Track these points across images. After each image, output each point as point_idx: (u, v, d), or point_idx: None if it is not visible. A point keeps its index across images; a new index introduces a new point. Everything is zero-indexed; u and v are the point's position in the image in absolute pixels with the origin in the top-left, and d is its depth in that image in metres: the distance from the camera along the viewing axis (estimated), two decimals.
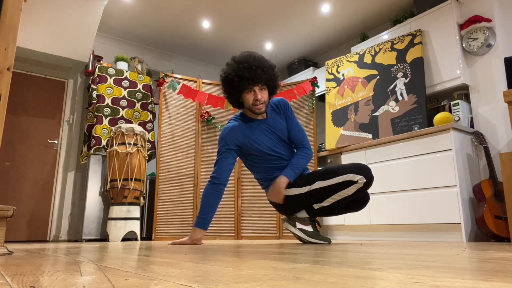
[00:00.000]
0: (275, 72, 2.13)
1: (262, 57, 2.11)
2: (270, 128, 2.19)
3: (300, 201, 2.14)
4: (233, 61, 2.10)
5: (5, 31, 1.42)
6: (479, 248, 1.62)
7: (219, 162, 2.14)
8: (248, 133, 2.14)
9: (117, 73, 4.04)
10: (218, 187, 2.12)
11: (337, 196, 2.05)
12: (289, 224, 2.23)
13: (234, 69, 2.06)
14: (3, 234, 1.35)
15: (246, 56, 2.08)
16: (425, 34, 3.49)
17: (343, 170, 2.04)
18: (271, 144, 2.17)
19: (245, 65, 2.03)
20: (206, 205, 2.10)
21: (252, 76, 2.02)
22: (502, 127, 2.99)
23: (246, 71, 2.02)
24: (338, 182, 2.03)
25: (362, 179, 2.00)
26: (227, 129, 2.16)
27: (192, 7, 4.03)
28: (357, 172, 2.01)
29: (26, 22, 3.50)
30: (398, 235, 3.15)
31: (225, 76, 2.11)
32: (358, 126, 3.67)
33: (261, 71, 2.03)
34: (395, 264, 0.88)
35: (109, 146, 3.63)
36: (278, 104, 2.29)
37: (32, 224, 3.94)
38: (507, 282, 0.55)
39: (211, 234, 3.73)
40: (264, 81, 2.07)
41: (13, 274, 0.74)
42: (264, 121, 2.20)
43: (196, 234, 2.11)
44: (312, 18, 4.22)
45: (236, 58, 2.10)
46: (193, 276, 0.68)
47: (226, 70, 2.11)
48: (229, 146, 2.13)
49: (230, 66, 2.10)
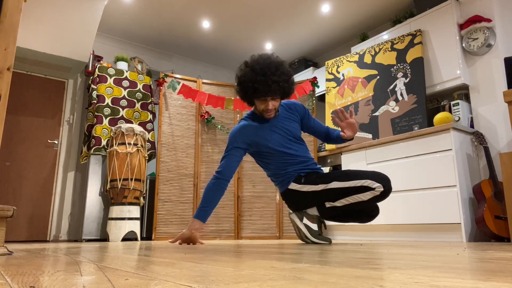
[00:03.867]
0: (290, 82, 2.11)
1: (280, 65, 2.07)
2: (281, 126, 2.22)
3: (313, 198, 2.15)
4: (250, 69, 2.05)
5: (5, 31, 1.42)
6: (479, 248, 1.62)
7: (226, 158, 2.16)
8: (258, 132, 2.18)
9: (117, 73, 4.04)
10: (222, 181, 2.13)
11: (351, 199, 2.03)
12: (296, 217, 2.23)
13: (251, 79, 2.03)
14: (3, 234, 1.35)
15: (264, 64, 2.03)
16: (425, 34, 3.49)
17: (363, 175, 2.02)
18: (282, 141, 2.19)
19: (262, 79, 2.00)
20: (208, 197, 2.12)
21: (266, 90, 2.02)
22: (502, 127, 2.99)
23: (262, 85, 2.00)
24: (356, 186, 2.01)
25: (380, 187, 1.97)
26: (238, 128, 2.20)
27: (192, 7, 4.03)
28: (377, 180, 1.98)
29: (26, 22, 3.50)
30: (398, 235, 3.15)
31: (242, 82, 2.09)
32: (358, 126, 3.67)
33: (276, 86, 2.01)
34: (395, 264, 0.88)
35: (109, 146, 3.63)
36: (293, 106, 2.32)
37: (32, 224, 3.94)
38: (507, 282, 0.55)
39: (211, 234, 3.73)
40: (278, 94, 2.08)
41: (13, 274, 0.74)
42: (275, 119, 2.22)
43: (194, 224, 2.11)
44: (312, 18, 4.22)
45: (253, 65, 2.05)
46: (193, 276, 0.68)
47: (242, 75, 2.08)
48: (238, 144, 2.16)
49: (246, 73, 2.06)
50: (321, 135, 2.37)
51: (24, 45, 3.60)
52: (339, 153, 3.74)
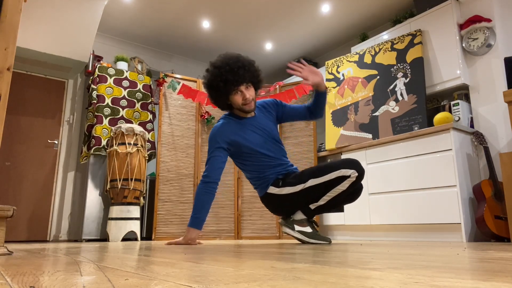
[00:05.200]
0: (256, 67, 2.18)
1: (240, 55, 2.15)
2: (260, 126, 2.23)
3: (295, 201, 2.15)
4: (214, 67, 2.12)
5: (5, 31, 1.42)
6: (479, 248, 1.62)
7: (210, 161, 2.16)
8: (238, 131, 2.18)
9: (117, 73, 4.04)
10: (210, 185, 2.13)
11: (332, 193, 2.06)
12: (287, 228, 2.22)
13: (217, 74, 2.09)
14: (3, 234, 1.35)
15: (225, 59, 2.11)
16: (425, 34, 3.49)
17: (334, 166, 2.06)
18: (262, 142, 2.20)
19: (226, 69, 2.07)
20: (198, 205, 2.12)
21: (236, 78, 2.07)
22: (502, 127, 2.99)
23: (229, 74, 2.06)
24: (331, 178, 2.04)
25: (354, 173, 2.02)
26: (217, 127, 2.19)
27: (192, 7, 4.03)
28: (349, 166, 2.03)
29: (26, 22, 3.50)
30: (398, 235, 3.15)
31: (210, 83, 2.14)
32: (358, 126, 3.67)
33: (243, 70, 2.08)
34: (395, 264, 0.88)
35: (109, 146, 3.63)
36: (265, 104, 2.35)
37: (32, 224, 3.94)
38: (507, 282, 0.55)
39: (211, 234, 3.73)
40: (248, 79, 2.11)
41: (13, 274, 0.74)
42: (253, 119, 2.24)
43: (191, 234, 2.11)
44: (312, 18, 4.22)
45: (215, 63, 2.13)
46: (193, 276, 0.68)
47: (209, 77, 2.14)
48: (220, 144, 2.15)
49: (212, 72, 2.12)
50: (304, 112, 2.35)
51: (24, 45, 3.60)
52: (339, 153, 3.74)
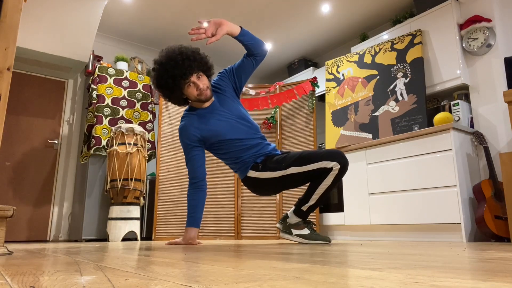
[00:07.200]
0: (202, 54, 2.11)
1: (182, 46, 2.08)
2: (222, 111, 2.16)
3: (275, 184, 2.12)
4: (158, 65, 2.05)
5: (5, 31, 1.42)
6: (479, 248, 1.62)
7: (190, 163, 2.14)
8: (202, 125, 2.12)
9: (117, 73, 4.04)
10: (198, 184, 2.13)
11: (319, 190, 2.04)
12: (286, 234, 2.22)
13: (163, 72, 2.03)
14: (3, 234, 1.35)
15: (167, 54, 2.04)
16: (425, 34, 3.49)
17: (317, 156, 2.01)
18: (229, 127, 2.13)
19: (171, 64, 2.00)
20: (192, 204, 2.12)
21: (183, 71, 2.01)
22: (502, 127, 2.99)
23: (176, 69, 2.00)
24: (313, 169, 2.01)
25: (336, 165, 1.97)
26: (181, 129, 2.16)
27: (192, 7, 4.03)
28: (330, 158, 1.98)
29: (26, 22, 3.50)
30: (398, 235, 3.15)
31: (158, 82, 2.08)
32: (358, 126, 3.67)
33: (188, 61, 2.02)
34: (395, 264, 0.88)
35: (109, 146, 3.63)
36: (217, 84, 2.25)
37: (32, 224, 3.94)
38: (507, 282, 0.55)
39: (211, 234, 3.73)
40: (196, 68, 2.05)
41: (13, 274, 0.74)
42: (213, 106, 2.17)
43: (190, 233, 2.11)
44: (312, 18, 4.22)
45: (159, 60, 2.06)
46: (193, 276, 0.68)
47: (156, 76, 2.07)
48: (191, 143, 2.13)
49: (158, 70, 2.06)
50: (247, 61, 2.23)
51: (24, 45, 3.60)
52: None
